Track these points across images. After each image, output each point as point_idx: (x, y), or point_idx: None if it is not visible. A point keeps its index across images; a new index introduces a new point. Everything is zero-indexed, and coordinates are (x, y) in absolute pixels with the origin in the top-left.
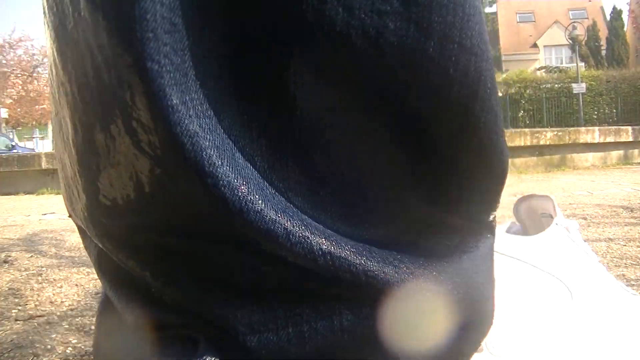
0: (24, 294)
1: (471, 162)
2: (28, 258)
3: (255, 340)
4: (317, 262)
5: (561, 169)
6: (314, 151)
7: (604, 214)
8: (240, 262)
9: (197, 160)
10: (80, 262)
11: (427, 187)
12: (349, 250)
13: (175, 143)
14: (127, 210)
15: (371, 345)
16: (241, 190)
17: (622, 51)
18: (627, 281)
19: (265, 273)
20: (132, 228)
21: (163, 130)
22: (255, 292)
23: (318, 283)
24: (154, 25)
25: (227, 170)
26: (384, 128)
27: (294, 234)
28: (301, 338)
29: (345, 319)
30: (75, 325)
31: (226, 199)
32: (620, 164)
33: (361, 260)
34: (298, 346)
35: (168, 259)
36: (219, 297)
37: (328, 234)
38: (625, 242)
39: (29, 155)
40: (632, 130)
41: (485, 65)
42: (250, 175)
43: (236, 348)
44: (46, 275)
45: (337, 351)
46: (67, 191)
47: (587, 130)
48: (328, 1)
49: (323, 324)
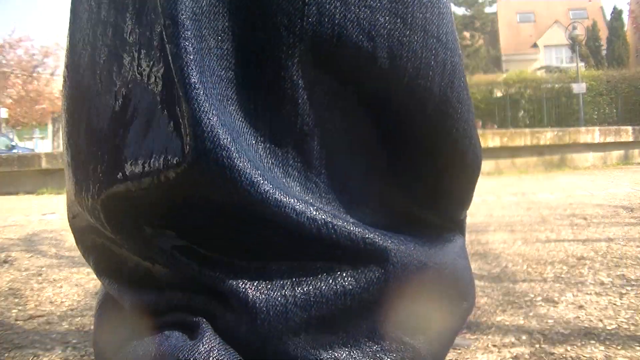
0: (24, 294)
1: (448, 154)
2: (28, 258)
3: (264, 302)
4: (320, 230)
5: (561, 169)
6: (312, 141)
7: (604, 214)
8: (247, 232)
9: (212, 136)
10: (80, 262)
11: (407, 182)
12: (347, 222)
13: (194, 117)
14: (150, 186)
15: (373, 314)
16: (247, 168)
17: (622, 51)
18: (627, 281)
19: (271, 242)
20: (149, 206)
21: (185, 105)
22: (261, 259)
23: (320, 249)
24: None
25: (232, 148)
26: (372, 122)
27: (297, 206)
28: (307, 301)
29: (347, 282)
30: (75, 325)
31: (235, 177)
32: (620, 164)
33: (359, 229)
34: (303, 310)
35: (180, 232)
36: (227, 267)
37: (326, 209)
38: (625, 242)
39: (29, 155)
40: (632, 130)
41: (458, 60)
42: (252, 157)
43: (242, 320)
44: (46, 275)
45: (341, 319)
46: (78, 178)
47: (587, 130)
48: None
49: (327, 287)
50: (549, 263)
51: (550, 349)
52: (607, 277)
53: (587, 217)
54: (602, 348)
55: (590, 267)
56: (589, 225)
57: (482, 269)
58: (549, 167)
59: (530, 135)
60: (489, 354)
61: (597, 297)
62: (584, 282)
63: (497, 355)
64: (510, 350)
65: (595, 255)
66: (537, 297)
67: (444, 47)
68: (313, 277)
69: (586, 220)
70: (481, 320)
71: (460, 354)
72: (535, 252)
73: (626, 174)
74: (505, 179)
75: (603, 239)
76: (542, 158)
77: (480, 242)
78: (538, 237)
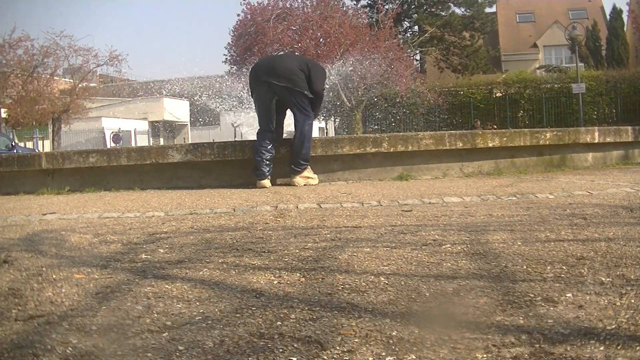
0: (24, 294)
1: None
2: (28, 258)
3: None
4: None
5: (561, 169)
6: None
7: (603, 214)
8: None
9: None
10: (80, 262)
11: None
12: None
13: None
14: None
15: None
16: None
17: (622, 51)
18: (627, 281)
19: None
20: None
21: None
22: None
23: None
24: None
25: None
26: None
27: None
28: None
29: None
30: (75, 325)
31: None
32: (620, 164)
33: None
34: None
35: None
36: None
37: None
38: (625, 242)
39: (29, 155)
40: (632, 130)
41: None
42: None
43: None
44: (46, 275)
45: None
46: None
47: (587, 131)
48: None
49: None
50: (549, 263)
51: (550, 349)
52: (607, 277)
53: (587, 217)
54: (602, 348)
55: (590, 267)
56: (589, 225)
57: (482, 269)
58: (548, 167)
59: (530, 135)
60: (489, 354)
61: (597, 297)
62: (583, 282)
63: (497, 355)
64: (510, 350)
65: (595, 255)
66: (537, 297)
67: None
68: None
69: (586, 220)
70: (481, 320)
71: (461, 353)
72: (535, 252)
73: (626, 174)
74: (505, 179)
75: (603, 238)
76: (541, 158)
77: (480, 242)
78: (538, 237)
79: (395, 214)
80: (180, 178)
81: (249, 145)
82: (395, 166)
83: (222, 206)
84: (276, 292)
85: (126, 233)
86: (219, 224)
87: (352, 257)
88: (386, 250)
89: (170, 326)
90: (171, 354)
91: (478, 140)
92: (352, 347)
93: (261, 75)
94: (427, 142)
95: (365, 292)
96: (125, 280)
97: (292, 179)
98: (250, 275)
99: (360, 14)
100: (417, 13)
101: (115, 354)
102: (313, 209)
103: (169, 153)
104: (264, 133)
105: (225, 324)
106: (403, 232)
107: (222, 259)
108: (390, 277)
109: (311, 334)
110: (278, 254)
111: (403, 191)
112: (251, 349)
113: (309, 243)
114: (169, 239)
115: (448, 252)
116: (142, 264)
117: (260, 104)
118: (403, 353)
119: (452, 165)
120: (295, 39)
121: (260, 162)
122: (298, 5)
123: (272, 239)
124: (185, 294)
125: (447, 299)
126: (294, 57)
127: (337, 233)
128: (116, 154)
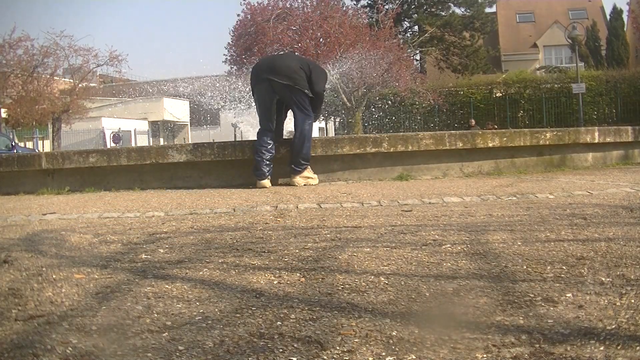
0: (24, 294)
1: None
2: (28, 258)
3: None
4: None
5: (561, 169)
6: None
7: (603, 214)
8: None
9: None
10: (80, 262)
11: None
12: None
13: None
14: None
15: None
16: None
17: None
18: (627, 281)
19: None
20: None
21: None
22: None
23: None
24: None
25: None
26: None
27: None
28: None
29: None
30: (75, 325)
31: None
32: (620, 164)
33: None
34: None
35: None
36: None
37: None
38: (625, 242)
39: (29, 155)
40: (632, 130)
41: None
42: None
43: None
44: (46, 275)
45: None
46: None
47: (587, 131)
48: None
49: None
50: (549, 263)
51: (550, 349)
52: (607, 277)
53: (587, 217)
54: (602, 348)
55: (590, 267)
56: (589, 225)
57: (482, 269)
58: (548, 167)
59: (530, 135)
60: (489, 354)
61: (597, 297)
62: (583, 282)
63: (497, 355)
64: (510, 350)
65: (595, 255)
66: (537, 297)
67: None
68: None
69: (586, 220)
70: (481, 320)
71: (461, 353)
72: (535, 252)
73: (626, 174)
74: (505, 179)
75: (603, 238)
76: (541, 158)
77: (480, 242)
78: (538, 237)
79: (395, 214)
80: (180, 178)
81: (249, 145)
82: (395, 166)
83: (222, 206)
84: (276, 292)
85: (126, 233)
86: (219, 224)
87: (352, 257)
88: (386, 250)
89: (170, 326)
90: (171, 354)
91: (478, 140)
92: (352, 347)
93: (262, 73)
94: (427, 142)
95: (365, 292)
96: (125, 280)
97: (292, 178)
98: (250, 275)
99: (360, 14)
100: (417, 13)
101: (115, 354)
102: (313, 209)
103: (169, 153)
104: (264, 133)
105: (225, 324)
106: (403, 232)
107: (222, 259)
108: (390, 277)
109: (311, 334)
110: (278, 254)
111: (403, 191)
112: (251, 349)
113: (309, 243)
114: (169, 239)
115: (448, 252)
116: (142, 264)
117: (260, 103)
118: (403, 353)
119: (452, 165)
120: (295, 39)
121: (260, 162)
122: (298, 5)
123: (272, 239)
124: (185, 294)
125: (447, 299)
126: (295, 56)
127: (337, 233)
128: (116, 154)
